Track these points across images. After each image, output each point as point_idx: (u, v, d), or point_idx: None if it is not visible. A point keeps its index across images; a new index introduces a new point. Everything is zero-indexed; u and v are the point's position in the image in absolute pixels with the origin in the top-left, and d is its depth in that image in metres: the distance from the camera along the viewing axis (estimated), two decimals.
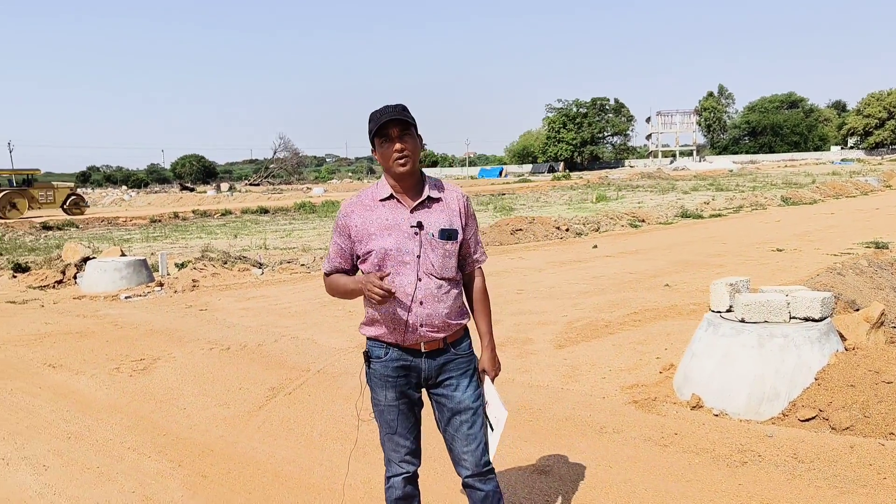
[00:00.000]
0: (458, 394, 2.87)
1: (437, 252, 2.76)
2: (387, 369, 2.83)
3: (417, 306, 2.74)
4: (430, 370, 2.85)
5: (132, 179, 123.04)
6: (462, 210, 2.86)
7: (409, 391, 2.87)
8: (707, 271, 11.06)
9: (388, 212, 2.77)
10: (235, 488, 4.18)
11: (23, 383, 6.49)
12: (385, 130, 2.69)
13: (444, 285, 2.80)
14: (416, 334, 2.77)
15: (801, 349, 4.82)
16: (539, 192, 43.35)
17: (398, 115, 2.66)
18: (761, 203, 24.51)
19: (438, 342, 2.82)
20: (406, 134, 2.71)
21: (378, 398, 2.89)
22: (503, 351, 6.85)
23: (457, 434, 2.87)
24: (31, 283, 12.61)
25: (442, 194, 2.84)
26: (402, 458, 2.90)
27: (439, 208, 2.81)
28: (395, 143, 2.69)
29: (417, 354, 2.82)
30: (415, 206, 2.77)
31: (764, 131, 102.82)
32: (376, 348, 2.86)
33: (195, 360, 7.03)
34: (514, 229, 17.09)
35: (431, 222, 2.77)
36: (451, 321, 2.83)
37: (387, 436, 2.90)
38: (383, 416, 2.89)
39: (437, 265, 2.77)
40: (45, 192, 38.84)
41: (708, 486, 3.93)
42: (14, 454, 4.81)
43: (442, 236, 2.76)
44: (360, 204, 2.83)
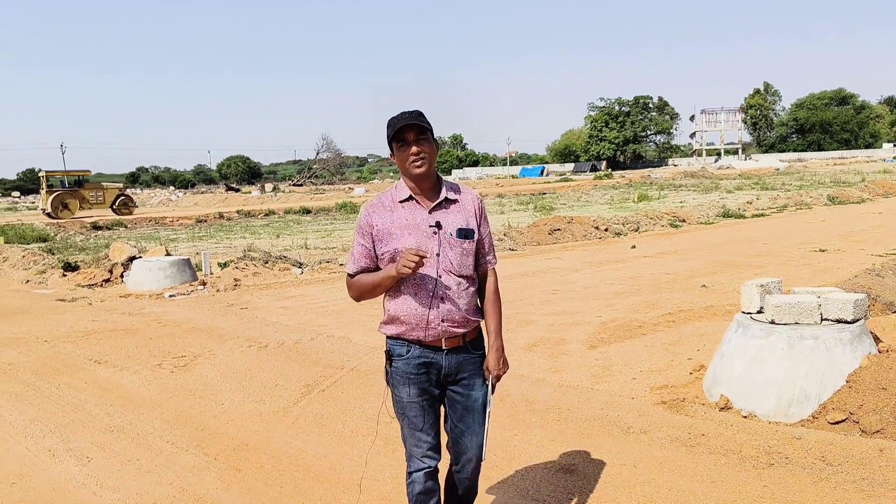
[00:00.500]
0: (474, 392, 3.01)
1: (456, 250, 2.89)
2: (409, 366, 2.92)
3: (439, 302, 2.86)
4: (451, 367, 2.95)
5: (179, 180, 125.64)
6: (477, 211, 2.99)
7: (430, 388, 2.96)
8: (746, 272, 10.94)
9: (407, 213, 2.88)
10: (268, 482, 4.32)
11: (70, 378, 6.74)
12: (402, 135, 2.81)
13: (463, 282, 2.92)
14: (437, 330, 2.88)
15: (831, 351, 4.78)
16: (580, 192, 43.11)
17: (414, 121, 2.78)
18: (806, 202, 24.05)
19: (458, 339, 2.94)
20: (422, 138, 2.82)
21: (400, 395, 2.97)
22: (535, 351, 6.94)
23: (467, 430, 3.02)
24: (80, 281, 13.03)
25: (458, 196, 2.96)
26: (425, 453, 2.98)
27: (456, 209, 2.93)
28: (411, 147, 2.81)
29: (438, 351, 2.92)
30: (433, 206, 2.89)
31: (812, 129, 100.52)
32: (398, 346, 2.95)
33: (234, 358, 7.22)
34: (552, 229, 17.07)
35: (449, 222, 2.89)
36: (469, 317, 2.95)
37: (409, 432, 2.99)
38: (405, 412, 2.97)
39: (455, 263, 2.89)
40: (96, 192, 39.86)
41: (733, 487, 3.94)
42: (60, 446, 5.03)
43: (459, 235, 2.89)
44: (381, 205, 2.93)
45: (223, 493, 4.18)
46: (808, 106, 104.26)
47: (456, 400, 3.02)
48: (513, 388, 5.83)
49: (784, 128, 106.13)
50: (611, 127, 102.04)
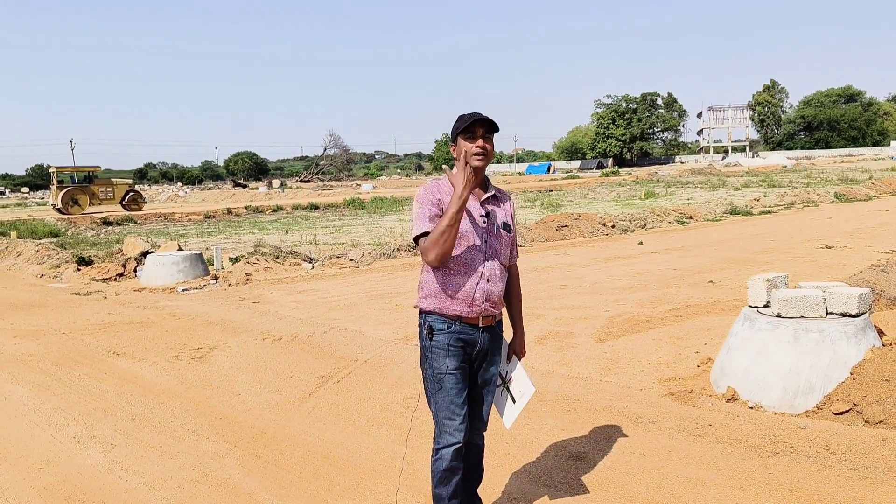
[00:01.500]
0: (494, 368, 3.34)
1: (500, 240, 3.23)
2: (450, 339, 3.14)
3: (484, 282, 3.15)
4: (484, 343, 3.22)
5: (187, 176, 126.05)
6: (511, 212, 3.37)
7: (464, 363, 3.19)
8: (753, 268, 11.03)
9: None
10: (287, 468, 4.46)
11: (90, 369, 6.90)
12: (472, 128, 3.08)
13: (503, 269, 3.26)
14: (480, 307, 3.14)
15: (836, 344, 4.89)
16: (587, 189, 43.17)
17: (487, 118, 3.08)
18: (813, 200, 24.09)
19: (492, 318, 3.23)
20: (488, 137, 3.12)
21: (440, 367, 3.14)
22: (544, 345, 7.07)
23: (483, 401, 3.34)
24: (94, 275, 13.20)
25: (501, 195, 3.34)
26: (458, 426, 3.13)
27: (501, 206, 3.29)
28: (478, 140, 3.08)
29: (475, 329, 3.18)
30: (485, 198, 3.22)
31: (820, 126, 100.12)
32: (438, 322, 3.16)
33: (249, 350, 7.37)
34: (559, 226, 17.18)
35: (497, 215, 3.25)
36: (501, 301, 3.28)
37: (445, 403, 3.14)
38: (442, 384, 3.14)
39: (499, 251, 3.22)
40: (105, 188, 40.08)
41: (738, 475, 4.06)
42: (85, 434, 5.18)
43: (503, 228, 3.25)
44: (439, 189, 3.17)
45: (244, 478, 4.33)
46: (816, 103, 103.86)
47: (478, 373, 3.30)
48: None
49: (792, 125, 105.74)
50: (618, 124, 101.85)
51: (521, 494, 3.97)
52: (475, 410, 3.32)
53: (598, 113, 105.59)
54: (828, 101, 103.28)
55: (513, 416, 3.34)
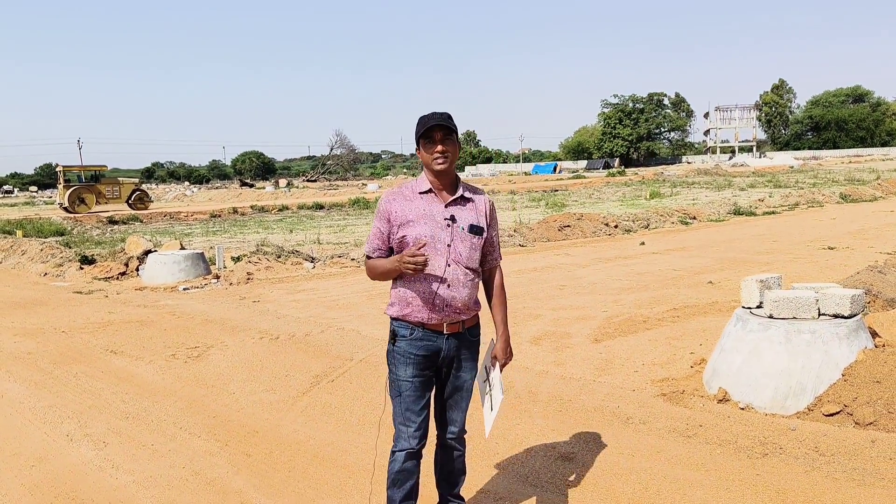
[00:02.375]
0: (464, 374, 3.26)
1: (466, 244, 3.12)
2: (412, 347, 3.13)
3: (445, 288, 3.09)
4: (450, 350, 3.17)
5: (194, 176, 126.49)
6: (488, 212, 3.23)
7: (426, 371, 3.17)
8: (753, 269, 11.01)
9: (425, 203, 3.12)
10: (277, 466, 4.47)
11: (87, 367, 6.94)
12: (430, 133, 3.04)
13: (469, 274, 3.15)
14: (442, 314, 3.10)
15: (828, 345, 4.88)
16: (592, 189, 43.12)
17: (443, 122, 3.03)
18: (818, 200, 24.01)
19: (459, 325, 3.17)
20: (448, 139, 3.06)
21: (398, 374, 3.16)
22: (540, 345, 7.07)
23: (455, 406, 3.29)
24: (97, 274, 13.27)
25: (473, 196, 3.21)
26: (412, 433, 3.16)
27: (470, 207, 3.18)
28: (437, 145, 3.05)
29: (440, 335, 3.15)
30: (450, 201, 3.13)
31: (828, 126, 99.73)
32: (402, 328, 3.15)
33: (246, 349, 7.39)
34: (561, 226, 17.17)
35: (462, 217, 3.13)
36: (470, 307, 3.19)
37: (401, 410, 3.17)
38: (401, 391, 3.16)
39: (464, 255, 3.12)
40: (112, 187, 40.28)
41: (726, 475, 4.06)
42: (77, 431, 5.21)
43: (471, 231, 3.14)
44: (401, 194, 3.16)
45: (234, 477, 4.34)
46: (824, 103, 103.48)
47: (448, 379, 3.25)
48: (517, 379, 5.96)
49: (799, 125, 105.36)
50: (624, 124, 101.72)
51: (508, 494, 3.97)
52: (447, 416, 3.31)
53: (605, 113, 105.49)
54: (836, 101, 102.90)
55: (490, 423, 3.28)
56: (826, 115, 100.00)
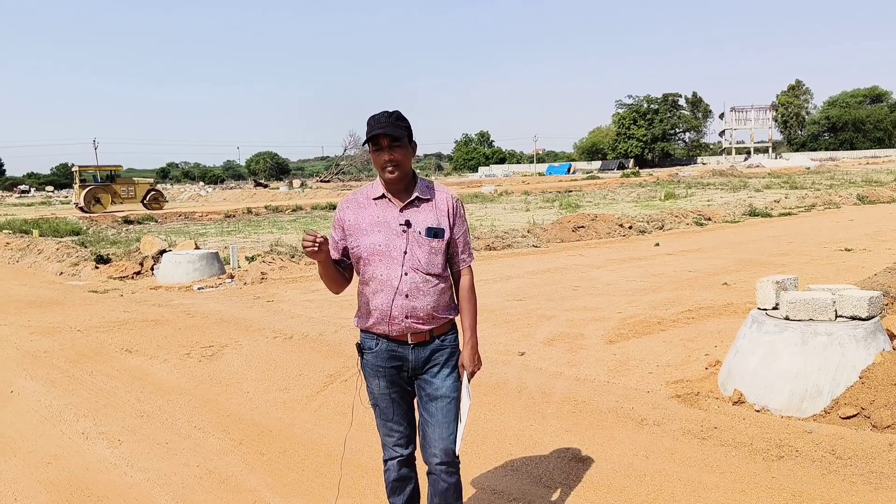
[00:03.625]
0: (438, 381, 2.99)
1: (424, 249, 2.90)
2: (378, 359, 2.97)
3: (402, 298, 2.88)
4: (418, 360, 2.98)
5: (209, 176, 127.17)
6: (450, 211, 2.98)
7: (399, 380, 3.00)
8: (769, 270, 10.93)
9: (379, 210, 2.93)
10: (290, 465, 4.48)
11: (102, 366, 6.98)
12: (376, 140, 2.83)
13: (431, 280, 2.92)
14: (401, 325, 2.90)
15: (845, 347, 4.83)
16: (607, 189, 42.96)
17: (389, 131, 2.79)
18: (835, 201, 23.82)
19: (425, 334, 2.95)
20: (396, 145, 2.83)
21: (371, 388, 3.04)
22: (553, 346, 7.05)
23: (431, 419, 2.98)
24: (112, 273, 13.36)
25: (432, 195, 2.98)
26: (396, 442, 3.08)
27: (428, 208, 2.95)
28: (384, 154, 2.84)
29: (405, 345, 2.96)
30: (404, 205, 2.92)
31: (845, 127, 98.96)
32: (368, 340, 3.00)
33: (260, 348, 7.42)
34: (575, 226, 17.12)
35: (419, 221, 2.91)
36: (437, 314, 2.95)
37: (381, 422, 3.07)
38: (377, 403, 3.05)
39: (423, 261, 2.90)
40: (127, 187, 40.54)
41: (741, 478, 4.03)
42: (93, 429, 5.24)
43: (428, 234, 2.91)
44: (355, 201, 3.00)
45: (247, 475, 4.36)
46: (841, 104, 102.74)
47: (422, 388, 3.02)
48: (530, 380, 5.95)
49: (816, 126, 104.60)
50: (639, 125, 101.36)
51: (522, 495, 3.96)
52: (427, 435, 2.99)
53: (619, 113, 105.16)
54: (853, 101, 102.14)
55: (459, 437, 2.98)
56: (843, 116, 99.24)
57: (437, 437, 2.96)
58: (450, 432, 2.97)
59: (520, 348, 6.97)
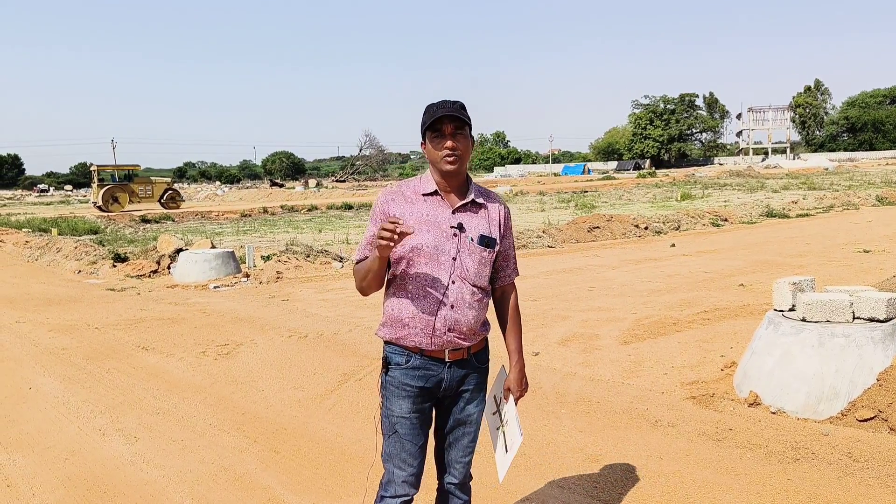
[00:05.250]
0: (471, 406, 2.77)
1: (475, 258, 2.64)
2: (407, 377, 2.65)
3: (448, 310, 2.60)
4: (452, 381, 2.70)
5: (225, 175, 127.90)
6: (502, 221, 2.75)
7: (425, 404, 2.70)
8: (786, 272, 10.85)
9: (429, 207, 2.64)
10: (305, 463, 4.50)
11: (119, 363, 7.04)
12: (439, 125, 2.57)
13: (477, 293, 2.66)
14: (443, 339, 2.62)
15: (862, 349, 4.79)
16: (622, 190, 42.81)
17: (455, 112, 2.55)
18: (853, 202, 23.62)
19: (463, 352, 2.69)
20: (459, 133, 2.58)
21: (392, 408, 2.68)
22: (568, 346, 7.03)
23: (456, 444, 2.79)
24: (129, 272, 13.46)
25: (486, 202, 2.73)
26: (406, 478, 2.70)
27: (482, 215, 2.70)
28: (447, 140, 2.56)
29: (440, 363, 2.67)
30: (458, 206, 2.65)
31: (864, 127, 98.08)
32: (396, 355, 2.67)
33: (275, 347, 7.45)
34: (591, 227, 17.07)
35: (472, 226, 2.65)
36: (477, 330, 2.70)
37: (395, 451, 2.69)
38: (395, 429, 2.68)
39: (472, 271, 2.64)
40: (145, 186, 40.89)
41: (756, 480, 4.00)
42: (110, 426, 5.29)
43: (481, 242, 2.65)
44: (401, 195, 2.68)
45: (262, 473, 4.38)
46: (861, 104, 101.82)
47: (450, 411, 2.77)
48: (544, 380, 5.94)
49: (834, 126, 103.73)
50: (655, 125, 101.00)
51: (535, 495, 3.96)
52: (448, 456, 2.80)
53: (636, 113, 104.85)
54: (873, 101, 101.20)
55: (506, 467, 2.79)
56: (862, 117, 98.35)
57: (461, 462, 2.80)
58: (471, 455, 2.82)
59: (534, 348, 6.96)
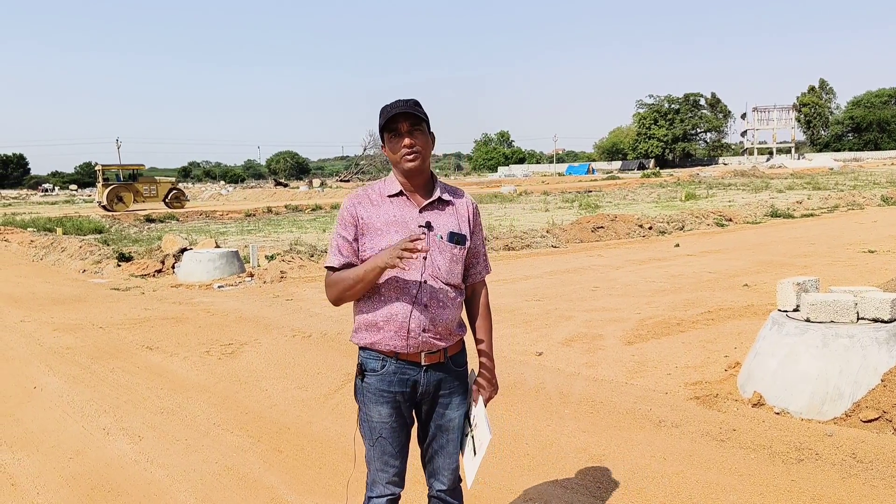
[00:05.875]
0: (451, 412, 2.73)
1: (445, 256, 2.62)
2: (383, 383, 2.62)
3: (422, 309, 2.57)
4: (429, 384, 2.66)
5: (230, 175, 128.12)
6: (471, 217, 2.73)
7: (403, 407, 2.68)
8: (790, 272, 10.83)
9: (395, 208, 2.62)
10: (307, 463, 4.51)
11: (123, 363, 7.06)
12: (394, 125, 2.56)
13: (450, 291, 2.65)
14: (418, 340, 2.59)
15: (866, 350, 4.78)
16: (627, 190, 42.75)
17: (409, 110, 2.53)
18: (858, 202, 23.55)
19: (440, 354, 2.65)
20: (417, 129, 2.57)
21: (370, 414, 2.66)
22: (571, 346, 7.03)
23: (441, 451, 2.76)
24: (134, 271, 13.49)
25: (452, 198, 2.71)
26: (390, 479, 2.71)
27: (449, 211, 2.68)
28: (404, 139, 2.55)
29: (417, 367, 2.64)
30: (424, 205, 2.63)
31: (869, 127, 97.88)
32: (372, 360, 2.64)
33: (278, 346, 7.47)
34: (595, 227, 17.06)
35: (441, 224, 2.63)
36: (453, 330, 2.68)
37: (377, 454, 2.69)
38: (374, 433, 2.67)
39: (443, 269, 2.62)
40: (149, 186, 40.96)
41: (760, 481, 4.00)
42: (114, 425, 5.30)
43: (451, 240, 2.63)
44: (366, 198, 2.66)
45: (265, 473, 4.39)
46: (866, 104, 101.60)
47: (432, 417, 2.73)
48: (548, 380, 5.94)
49: (839, 126, 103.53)
50: (659, 125, 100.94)
51: (538, 495, 3.96)
52: (434, 464, 2.77)
53: (640, 113, 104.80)
54: (878, 101, 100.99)
55: (474, 471, 2.71)
56: (868, 116, 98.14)
57: (447, 467, 2.77)
58: (457, 459, 2.78)
59: (538, 348, 6.96)
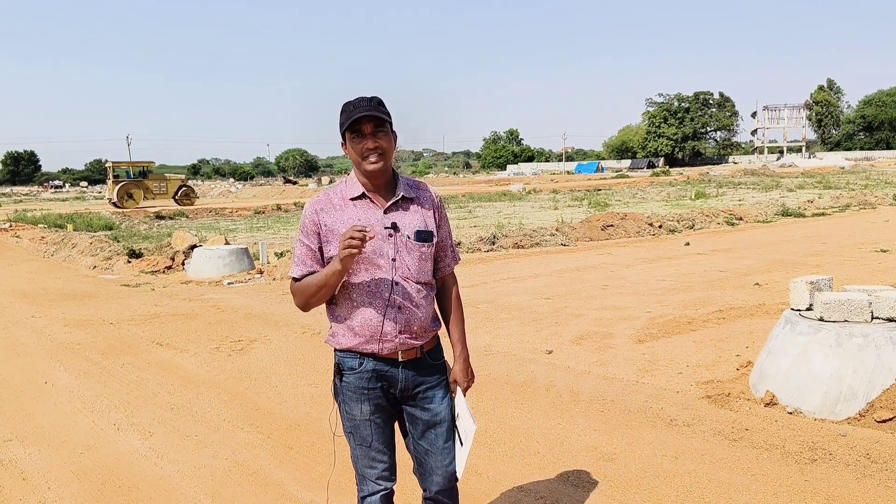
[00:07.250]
0: (434, 406, 2.71)
1: (414, 255, 2.60)
2: (361, 381, 2.62)
3: (395, 311, 2.57)
4: (408, 380, 2.66)
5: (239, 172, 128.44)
6: (436, 211, 2.71)
7: (384, 404, 2.68)
8: (802, 271, 10.76)
9: (359, 211, 2.58)
10: (318, 459, 4.51)
11: (133, 359, 7.07)
12: (358, 126, 2.52)
13: (422, 289, 2.64)
14: (394, 342, 2.59)
15: (881, 349, 4.74)
16: (636, 188, 42.62)
17: (373, 111, 2.50)
18: (870, 202, 23.38)
19: (416, 350, 2.66)
20: (380, 130, 2.53)
21: (352, 412, 2.66)
22: (582, 344, 7.00)
23: (431, 448, 2.72)
24: (144, 268, 13.54)
25: (415, 194, 2.67)
26: (379, 474, 2.71)
27: (414, 209, 2.65)
28: (367, 140, 2.52)
29: (394, 364, 2.64)
30: (388, 205, 2.60)
31: (881, 126, 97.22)
32: (349, 359, 2.64)
33: (288, 343, 7.47)
34: (604, 225, 17.00)
35: (406, 223, 2.60)
36: (428, 327, 2.68)
37: (362, 452, 2.69)
38: (358, 431, 2.67)
39: (413, 268, 2.61)
40: (159, 183, 41.14)
41: (773, 481, 3.96)
42: (124, 421, 5.31)
43: (418, 238, 2.61)
44: (329, 202, 2.62)
45: (275, 469, 4.38)
46: (878, 103, 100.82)
47: (416, 416, 2.72)
48: (558, 378, 5.92)
49: (851, 125, 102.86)
50: (669, 123, 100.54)
51: (549, 493, 3.94)
52: (427, 464, 2.74)
53: (650, 112, 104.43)
54: (889, 100, 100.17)
55: (463, 461, 2.73)
56: (879, 115, 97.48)
57: (440, 465, 2.72)
58: (451, 457, 2.73)
59: (547, 346, 6.94)
